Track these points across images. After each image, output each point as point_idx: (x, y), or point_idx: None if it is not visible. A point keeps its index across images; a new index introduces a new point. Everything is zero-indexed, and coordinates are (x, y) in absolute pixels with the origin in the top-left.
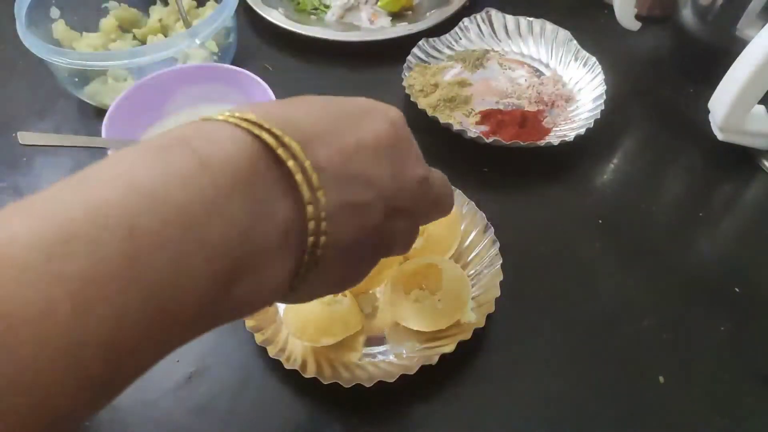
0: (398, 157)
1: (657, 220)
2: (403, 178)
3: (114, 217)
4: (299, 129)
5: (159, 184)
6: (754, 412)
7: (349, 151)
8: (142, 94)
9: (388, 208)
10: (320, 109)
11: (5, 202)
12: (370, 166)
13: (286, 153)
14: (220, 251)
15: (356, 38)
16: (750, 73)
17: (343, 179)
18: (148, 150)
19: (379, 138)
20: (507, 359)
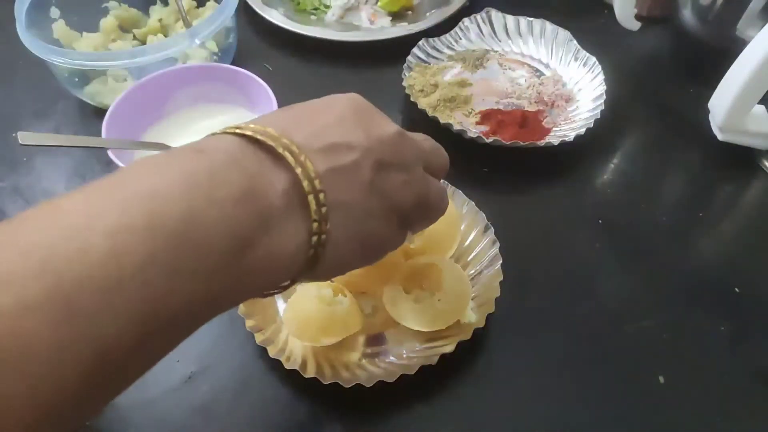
0: (364, 120)
1: (657, 220)
2: (377, 133)
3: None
4: (276, 125)
5: (166, 168)
6: (754, 412)
7: (319, 129)
8: (142, 94)
9: (375, 162)
10: (293, 110)
11: (5, 202)
12: (342, 134)
13: (265, 137)
14: (226, 209)
15: (356, 38)
16: (750, 73)
17: (323, 149)
18: (158, 157)
19: (342, 112)
20: (507, 359)
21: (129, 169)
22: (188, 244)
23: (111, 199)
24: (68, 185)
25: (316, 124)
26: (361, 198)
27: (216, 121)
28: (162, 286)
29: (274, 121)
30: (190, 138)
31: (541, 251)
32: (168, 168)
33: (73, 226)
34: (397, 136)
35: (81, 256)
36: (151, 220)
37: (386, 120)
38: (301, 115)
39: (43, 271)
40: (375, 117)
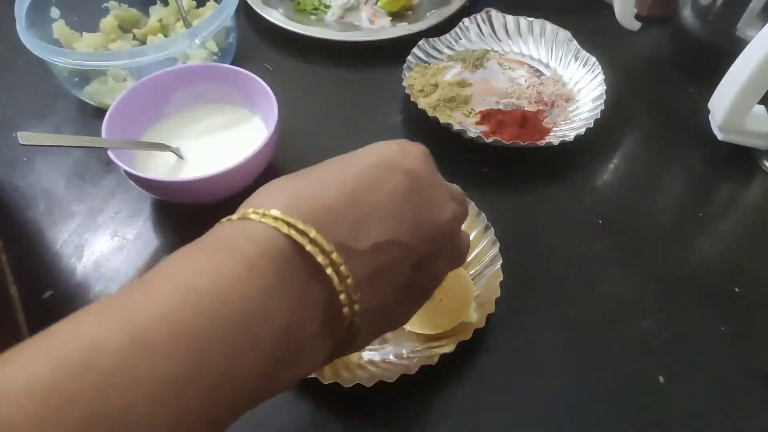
0: (419, 206)
1: (657, 220)
2: (428, 226)
3: (180, 324)
4: (318, 211)
5: (214, 287)
6: (754, 412)
7: (366, 219)
8: (142, 94)
9: (417, 262)
10: (336, 181)
11: (5, 202)
12: (390, 227)
13: (314, 248)
14: (268, 347)
15: (356, 38)
16: (750, 73)
17: (368, 250)
18: (200, 253)
19: (395, 195)
20: (507, 359)
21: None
22: (222, 394)
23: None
24: (68, 185)
25: (361, 212)
26: (394, 298)
27: (216, 120)
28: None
29: (317, 199)
30: (190, 138)
31: (541, 251)
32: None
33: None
34: (447, 225)
35: (123, 416)
36: (194, 371)
37: (442, 201)
38: (349, 190)
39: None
40: (431, 197)
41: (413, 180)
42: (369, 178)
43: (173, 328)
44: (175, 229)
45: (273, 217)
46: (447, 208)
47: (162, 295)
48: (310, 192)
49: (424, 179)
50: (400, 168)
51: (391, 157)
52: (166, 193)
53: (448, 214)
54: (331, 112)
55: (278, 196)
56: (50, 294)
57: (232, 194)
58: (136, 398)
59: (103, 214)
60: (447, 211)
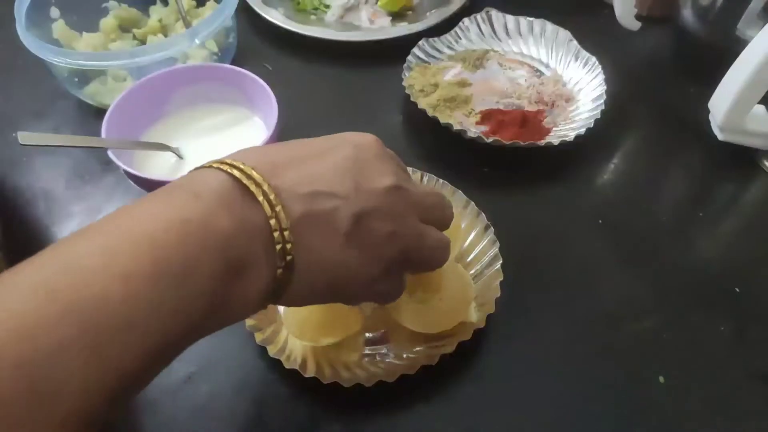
0: (360, 171)
1: (657, 219)
2: (368, 185)
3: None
4: (269, 162)
5: (168, 212)
6: (754, 412)
7: (309, 174)
8: (142, 94)
9: (355, 214)
10: (297, 146)
11: (5, 202)
12: (329, 182)
13: (250, 182)
14: (215, 253)
15: (356, 38)
16: (750, 73)
17: (305, 195)
18: (159, 195)
19: (339, 160)
20: (507, 359)
21: (132, 210)
22: (186, 288)
23: (120, 244)
24: (68, 185)
25: (308, 169)
26: (334, 247)
27: (216, 120)
28: (167, 323)
29: (268, 158)
30: (190, 138)
31: (541, 251)
32: (168, 213)
33: (91, 269)
34: (390, 189)
35: (101, 301)
36: (157, 266)
37: (387, 172)
38: (299, 157)
39: (70, 315)
40: (373, 168)
41: (360, 152)
42: (320, 148)
43: (138, 241)
44: None
45: (223, 162)
46: (387, 177)
47: (127, 220)
48: (266, 153)
49: (371, 152)
50: (351, 143)
51: (342, 137)
52: None
53: (389, 181)
54: (331, 112)
55: (240, 153)
56: None
57: None
58: (113, 288)
59: (103, 213)
60: (387, 179)
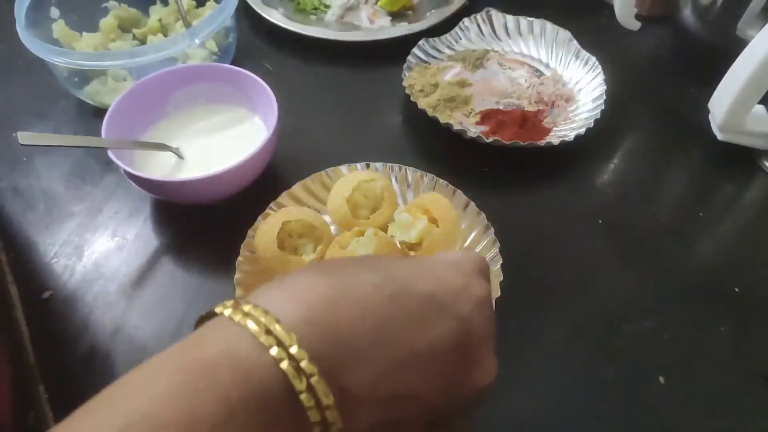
0: (460, 363)
1: (657, 219)
2: (462, 389)
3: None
4: (339, 346)
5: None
6: (754, 412)
7: (392, 369)
8: (142, 94)
9: (433, 420)
10: (373, 308)
11: (5, 202)
12: (417, 381)
13: (309, 398)
14: None
15: (356, 38)
16: (750, 73)
17: (378, 401)
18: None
19: (437, 346)
20: (507, 359)
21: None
22: None
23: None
24: (68, 185)
25: (394, 356)
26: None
27: (216, 120)
28: None
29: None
30: (190, 138)
31: (541, 251)
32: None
33: None
34: (483, 389)
35: None
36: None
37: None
38: (383, 330)
39: None
40: (477, 355)
41: (463, 333)
42: (414, 316)
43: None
44: (175, 229)
45: (275, 337)
46: (489, 371)
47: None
48: (338, 312)
49: (476, 333)
50: (455, 314)
51: (449, 293)
52: (165, 193)
53: (489, 378)
54: (331, 112)
55: (297, 303)
56: (50, 294)
57: (232, 194)
58: None
59: (103, 214)
60: (488, 376)
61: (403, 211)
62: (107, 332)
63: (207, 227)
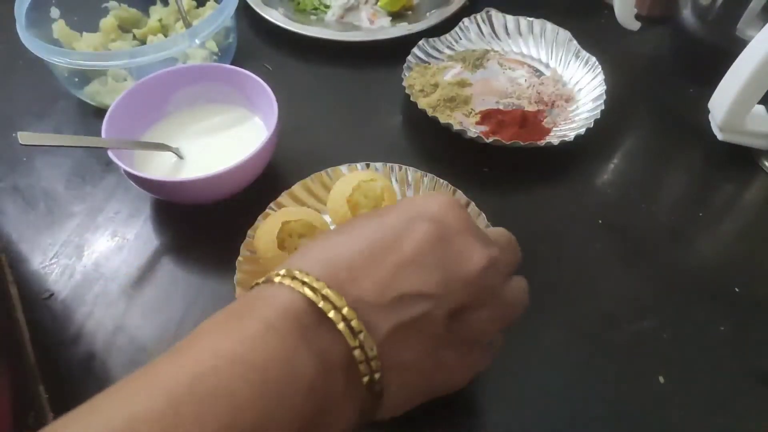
0: (447, 253)
1: (657, 220)
2: (459, 274)
3: (208, 389)
4: (341, 268)
5: (238, 350)
6: (754, 412)
7: (390, 274)
8: (142, 94)
9: (450, 311)
10: (364, 233)
11: (5, 202)
12: (416, 280)
13: (326, 305)
14: (294, 405)
15: (356, 38)
16: (750, 73)
17: (390, 303)
18: (227, 319)
19: (420, 246)
20: (507, 359)
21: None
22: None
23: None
24: (68, 185)
25: (386, 266)
26: (428, 354)
27: (216, 120)
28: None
29: (338, 261)
30: (190, 138)
31: (541, 251)
32: (241, 353)
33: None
34: (481, 274)
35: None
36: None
37: (476, 249)
38: (371, 252)
39: None
40: (461, 248)
41: (438, 229)
42: (393, 232)
43: (202, 394)
44: (175, 229)
45: (291, 277)
46: (478, 256)
47: (192, 362)
48: (336, 253)
49: (451, 227)
50: (424, 217)
51: (415, 208)
52: (166, 193)
53: (481, 262)
54: (331, 112)
55: (306, 258)
56: (50, 294)
57: (232, 194)
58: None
59: (103, 214)
60: (478, 259)
61: None
62: (107, 332)
63: (207, 227)
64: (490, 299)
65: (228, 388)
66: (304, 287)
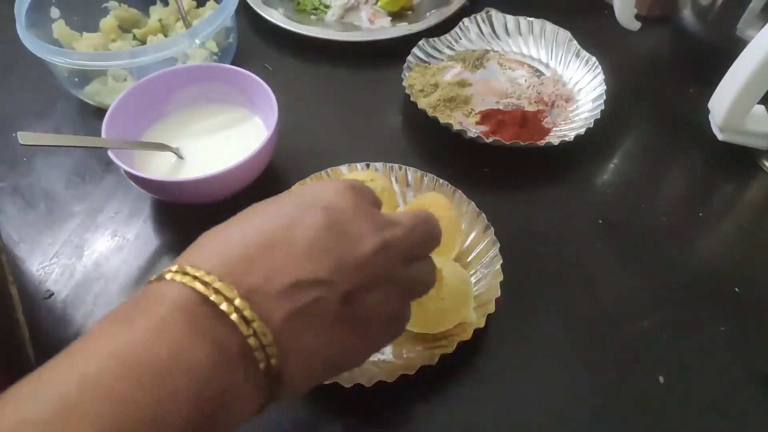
0: (338, 239)
1: (657, 220)
2: (351, 258)
3: (101, 388)
4: (232, 259)
5: (130, 349)
6: (754, 412)
7: (283, 259)
8: (142, 94)
9: (343, 294)
10: (257, 223)
11: (5, 202)
12: (309, 267)
13: (218, 297)
14: (191, 398)
15: (356, 38)
16: (750, 73)
17: (283, 291)
18: (120, 318)
19: (313, 233)
20: (507, 359)
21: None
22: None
23: (81, 408)
24: (68, 185)
25: (278, 254)
26: (324, 336)
27: (216, 120)
28: None
29: (230, 252)
30: (190, 138)
31: (541, 251)
32: (130, 348)
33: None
34: (374, 256)
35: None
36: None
37: (368, 232)
38: (263, 240)
39: None
40: (352, 233)
41: (331, 215)
42: (288, 220)
43: (92, 395)
44: (175, 229)
45: (183, 273)
46: (370, 240)
47: (82, 363)
48: (230, 246)
49: (344, 213)
50: (318, 205)
51: (309, 195)
52: (166, 193)
53: (373, 245)
54: (331, 112)
55: (200, 253)
56: (50, 294)
57: (232, 194)
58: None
59: (103, 214)
60: (370, 242)
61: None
62: None
63: (207, 227)
64: (385, 280)
65: (117, 388)
66: (195, 282)
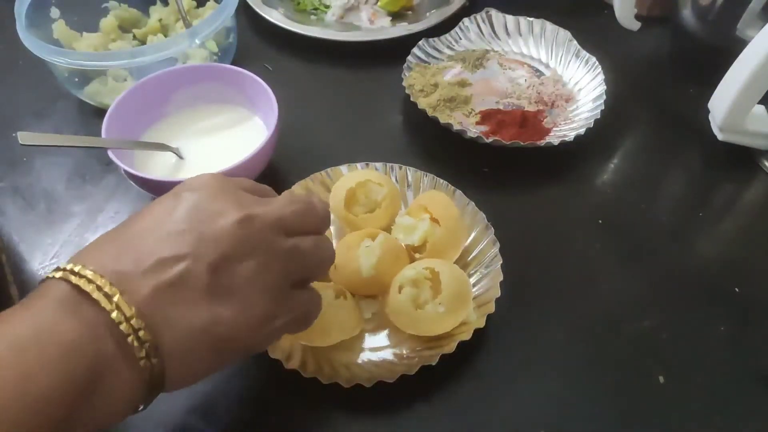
0: (199, 219)
1: (657, 219)
2: (211, 232)
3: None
4: (106, 252)
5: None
6: (754, 412)
7: (148, 248)
8: (142, 94)
9: (210, 265)
10: (135, 221)
11: (5, 201)
12: (171, 244)
13: (83, 281)
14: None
15: (356, 38)
16: (750, 73)
17: (148, 269)
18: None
19: (176, 215)
20: (507, 359)
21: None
22: (26, 403)
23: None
24: (68, 185)
25: (145, 240)
26: (199, 308)
27: (216, 120)
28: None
29: (106, 248)
30: (190, 138)
31: (541, 251)
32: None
33: None
34: (237, 224)
35: None
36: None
37: (227, 207)
38: (135, 232)
39: None
40: (211, 210)
41: (195, 198)
42: (156, 211)
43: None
44: None
45: (62, 270)
46: (231, 213)
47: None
48: (106, 239)
49: (209, 194)
50: (181, 192)
51: (183, 186)
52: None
53: (233, 218)
54: (331, 112)
55: (81, 253)
56: None
57: None
58: None
59: (103, 214)
60: (231, 215)
61: (405, 214)
62: None
63: None
64: (256, 251)
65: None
66: (71, 275)
